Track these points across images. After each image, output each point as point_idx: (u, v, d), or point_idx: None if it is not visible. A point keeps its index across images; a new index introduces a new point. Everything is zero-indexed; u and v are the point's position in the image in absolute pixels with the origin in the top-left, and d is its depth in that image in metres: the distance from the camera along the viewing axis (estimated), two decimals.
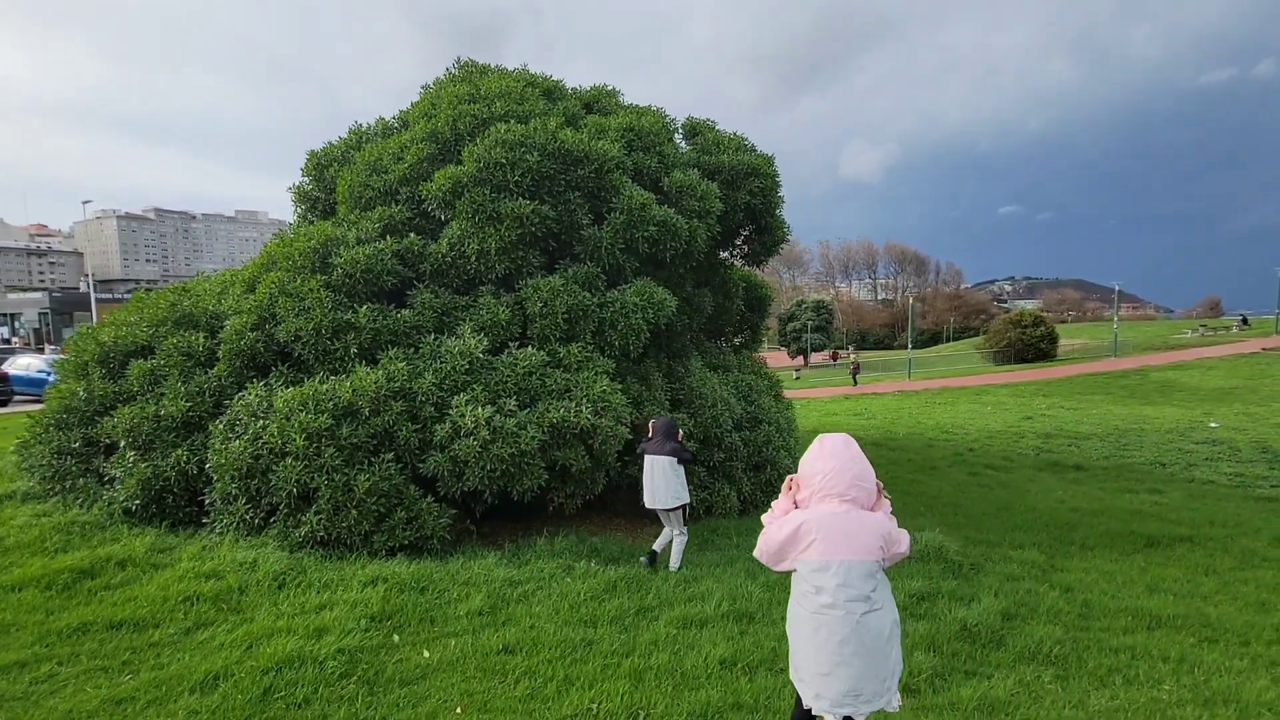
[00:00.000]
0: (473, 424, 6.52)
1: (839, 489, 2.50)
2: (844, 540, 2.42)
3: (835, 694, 2.37)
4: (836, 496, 2.49)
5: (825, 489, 2.51)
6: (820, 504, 2.52)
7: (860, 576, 2.43)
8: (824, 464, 2.55)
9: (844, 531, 2.43)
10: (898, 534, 2.56)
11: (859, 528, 2.46)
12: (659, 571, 6.09)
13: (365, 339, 7.18)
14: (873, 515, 2.53)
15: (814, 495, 2.54)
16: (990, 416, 19.52)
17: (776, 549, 2.54)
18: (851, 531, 2.44)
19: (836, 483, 2.50)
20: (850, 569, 2.41)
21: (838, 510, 2.47)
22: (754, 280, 12.55)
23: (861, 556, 2.42)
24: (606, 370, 7.57)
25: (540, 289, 7.41)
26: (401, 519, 6.45)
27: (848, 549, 2.41)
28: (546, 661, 4.04)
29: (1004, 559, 7.05)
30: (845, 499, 2.49)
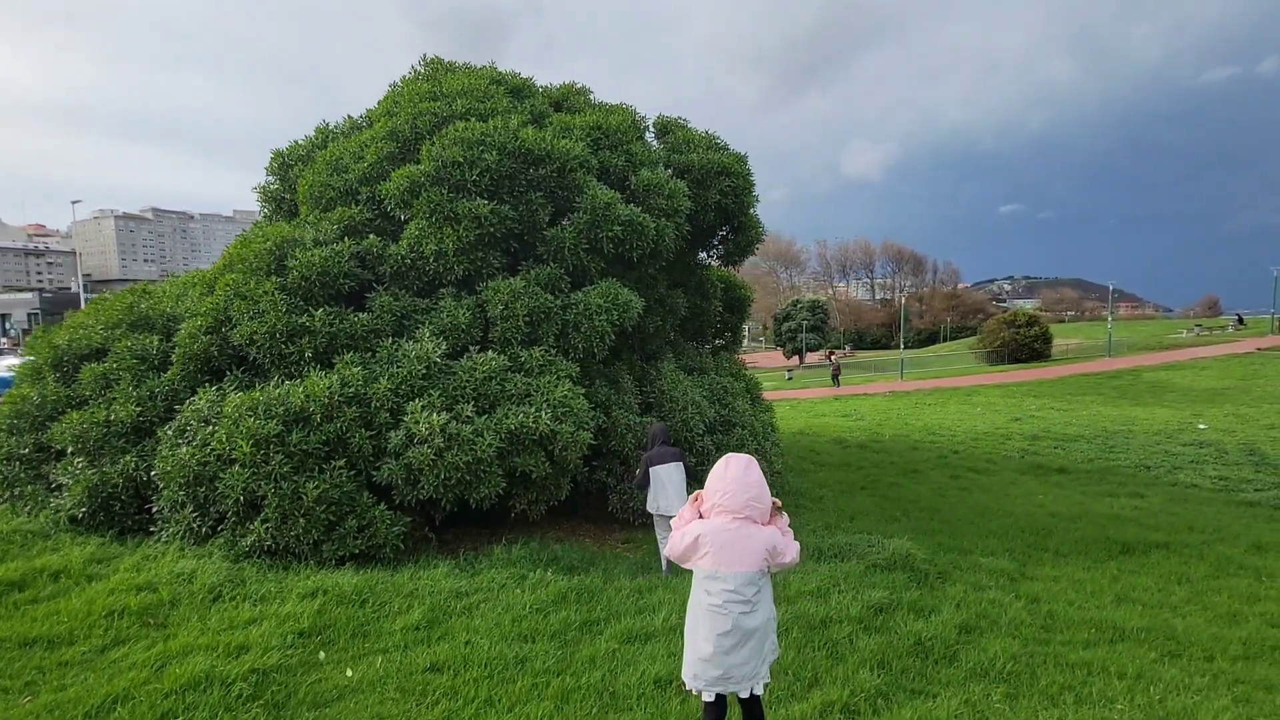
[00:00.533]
0: (427, 431, 6.36)
1: (734, 507, 2.78)
2: (732, 553, 2.76)
3: (710, 677, 2.81)
4: (730, 513, 2.79)
5: (722, 505, 2.80)
6: (717, 517, 2.82)
7: (744, 583, 2.77)
8: (724, 484, 2.81)
9: (733, 545, 2.76)
10: (784, 547, 2.86)
11: (747, 541, 2.77)
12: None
13: (320, 342, 7.02)
14: (763, 530, 2.82)
15: (713, 509, 2.84)
16: (979, 418, 19.36)
17: (680, 553, 2.90)
18: (740, 545, 2.76)
19: (732, 501, 2.79)
20: (737, 577, 2.76)
21: (730, 525, 2.78)
22: (733, 281, 12.40)
23: (747, 567, 2.77)
24: (570, 374, 7.41)
25: (501, 291, 7.25)
26: (353, 528, 6.29)
27: (736, 561, 2.76)
28: (472, 681, 3.88)
29: (973, 567, 6.89)
30: (738, 516, 2.78)
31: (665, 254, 8.51)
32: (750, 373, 12.36)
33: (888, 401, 24.15)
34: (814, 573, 6.19)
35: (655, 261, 8.61)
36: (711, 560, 2.77)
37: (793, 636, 4.77)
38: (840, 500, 10.08)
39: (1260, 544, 7.76)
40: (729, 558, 2.74)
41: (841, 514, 9.19)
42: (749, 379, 11.75)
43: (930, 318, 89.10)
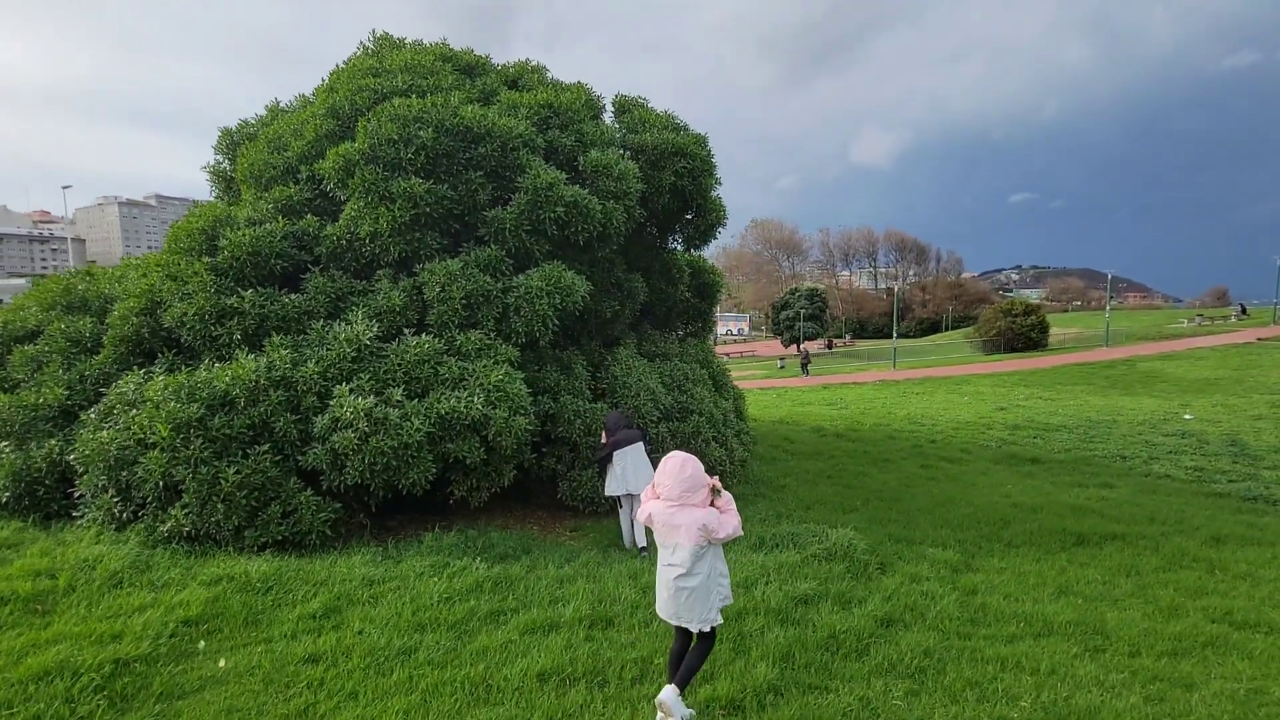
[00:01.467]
0: (351, 415, 6.21)
1: (670, 496, 3.46)
2: (671, 531, 3.45)
3: (667, 613, 3.53)
4: (668, 500, 3.47)
5: (661, 494, 3.50)
6: (660, 502, 3.50)
7: (685, 555, 3.41)
8: (664, 476, 3.48)
9: (670, 524, 3.45)
10: (718, 524, 3.42)
11: (681, 521, 3.41)
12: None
13: (250, 325, 6.86)
14: (696, 511, 3.41)
15: (660, 494, 3.52)
16: (964, 407, 19.12)
17: (644, 523, 3.64)
18: (675, 524, 3.43)
19: (669, 491, 3.46)
20: (676, 549, 3.45)
21: (668, 509, 3.46)
22: (701, 266, 12.17)
23: (684, 541, 3.40)
24: (509, 359, 7.24)
25: (437, 273, 7.07)
26: (277, 514, 6.16)
27: (672, 536, 3.45)
28: (346, 673, 3.75)
29: (918, 558, 6.72)
30: (674, 503, 3.45)
31: (616, 237, 8.30)
32: (719, 361, 12.17)
33: (875, 390, 23.90)
34: (747, 564, 6.03)
35: (606, 245, 8.40)
36: (657, 535, 3.51)
37: None
38: (802, 489, 9.91)
39: (1220, 536, 7.55)
40: (668, 535, 3.46)
41: (799, 503, 9.02)
42: (715, 367, 11.55)
43: (933, 307, 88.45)
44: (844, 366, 36.37)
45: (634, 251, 10.29)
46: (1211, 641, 4.88)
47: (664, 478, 3.45)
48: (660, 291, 11.06)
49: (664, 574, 3.50)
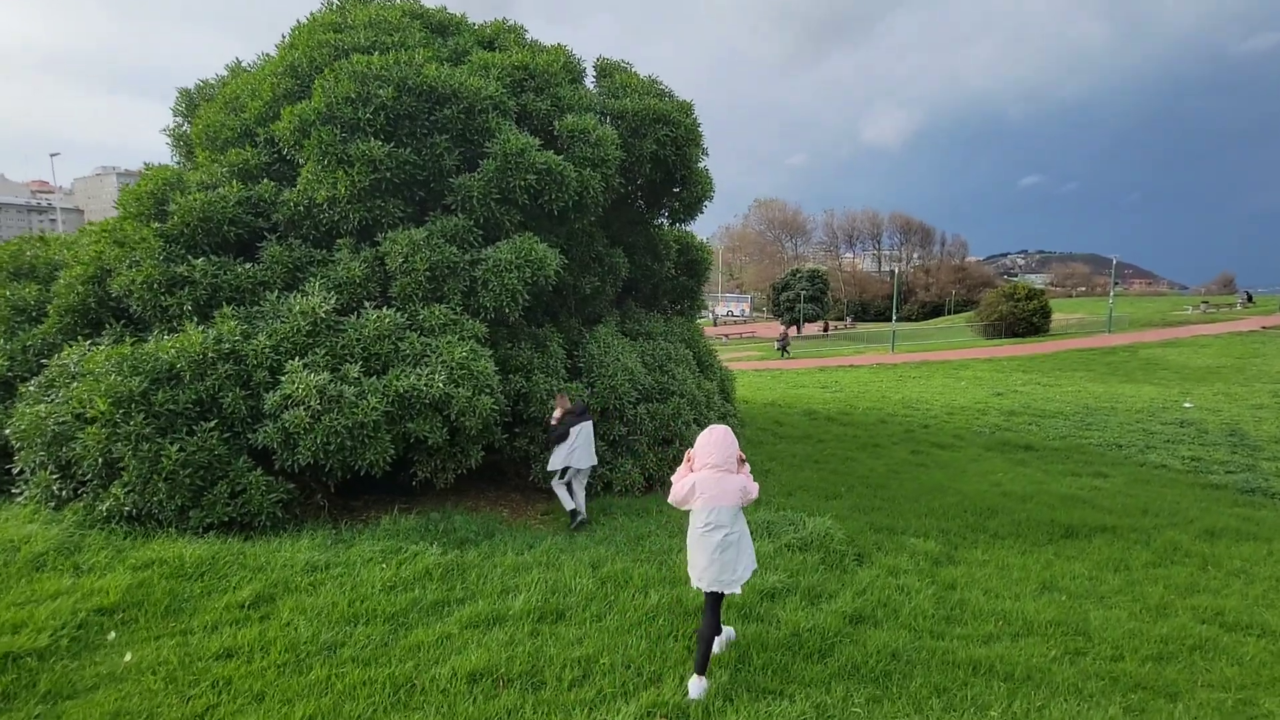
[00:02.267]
0: (303, 392, 5.89)
1: (716, 463, 3.74)
2: (719, 494, 3.72)
3: (708, 579, 3.75)
4: (714, 467, 3.74)
5: (709, 462, 3.75)
6: (706, 471, 3.75)
7: (726, 515, 3.75)
8: (710, 447, 3.77)
9: (719, 488, 3.72)
10: (751, 487, 3.83)
11: (727, 485, 3.74)
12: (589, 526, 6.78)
13: (201, 295, 6.51)
14: (735, 477, 3.78)
15: (702, 465, 3.77)
16: (960, 392, 18.77)
17: (680, 499, 3.80)
18: (722, 488, 3.73)
19: (716, 459, 3.74)
20: (720, 511, 3.74)
21: (715, 476, 3.73)
22: (690, 242, 11.75)
23: (728, 503, 3.75)
24: (475, 334, 6.89)
25: (399, 242, 6.69)
26: (224, 493, 5.87)
27: (720, 499, 3.73)
28: (258, 671, 3.46)
29: (898, 549, 6.43)
30: (719, 469, 3.74)
31: (593, 207, 7.90)
32: (706, 341, 11.81)
33: (872, 374, 23.55)
34: None
35: (583, 216, 8.00)
36: (703, 501, 3.72)
37: (655, 625, 4.33)
38: (786, 474, 9.61)
39: (1214, 529, 7.25)
40: (715, 499, 3.71)
41: (781, 489, 8.73)
42: (701, 347, 11.19)
43: (936, 290, 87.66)
44: (842, 349, 35.98)
45: (617, 225, 9.89)
46: (1200, 645, 4.59)
47: (710, 449, 3.75)
48: (646, 268, 10.68)
49: (705, 541, 3.74)
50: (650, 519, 7.11)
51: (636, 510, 7.50)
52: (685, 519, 6.89)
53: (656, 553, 5.83)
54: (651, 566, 5.41)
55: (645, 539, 6.31)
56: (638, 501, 7.85)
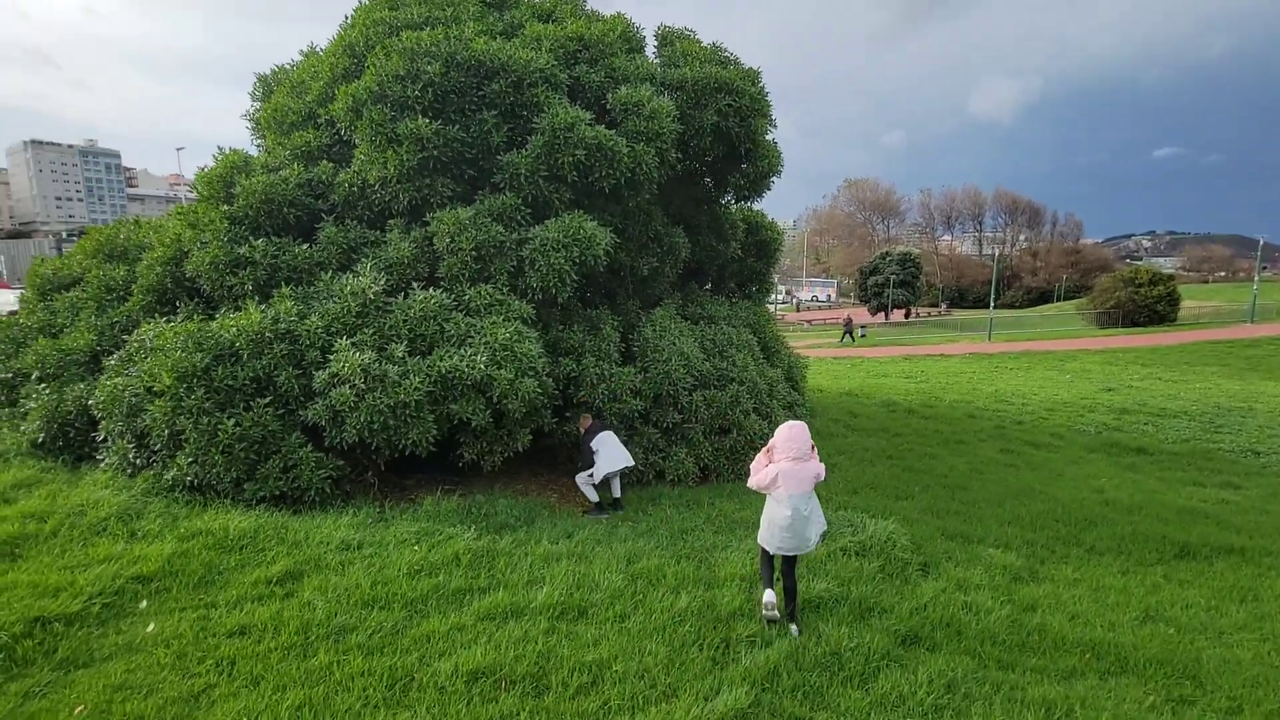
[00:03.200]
0: (348, 371, 5.93)
1: (800, 453, 4.24)
2: (796, 483, 4.21)
3: (788, 547, 4.25)
4: (793, 459, 4.22)
5: (788, 454, 4.22)
6: (786, 462, 4.21)
7: (803, 499, 4.23)
8: (789, 441, 4.24)
9: (800, 475, 4.22)
10: (821, 470, 4.35)
11: (805, 473, 4.25)
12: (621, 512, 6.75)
13: (261, 275, 6.70)
14: (810, 464, 4.28)
15: (782, 457, 4.23)
16: (1064, 386, 17.07)
17: (764, 486, 4.27)
18: (800, 477, 4.22)
19: (798, 450, 4.24)
20: (800, 496, 4.22)
21: (795, 466, 4.20)
22: (758, 221, 11.16)
23: (805, 489, 4.25)
24: (521, 315, 6.74)
25: (446, 222, 6.61)
26: (276, 468, 6.03)
27: (799, 486, 4.22)
28: (264, 653, 3.43)
29: (971, 560, 5.77)
30: (799, 460, 4.23)
31: (647, 184, 7.53)
32: (774, 326, 11.22)
33: (963, 364, 21.90)
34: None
35: (637, 193, 7.66)
36: (785, 489, 4.19)
37: (681, 631, 4.00)
38: (854, 470, 8.96)
39: None
40: (797, 485, 4.20)
41: (846, 485, 8.12)
42: (768, 332, 10.62)
43: (1045, 275, 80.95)
44: (931, 337, 33.83)
45: (678, 203, 9.48)
46: None
47: (790, 444, 4.23)
48: (710, 249, 10.22)
49: (785, 518, 4.19)
50: (699, 512, 6.76)
51: (686, 502, 7.17)
52: (739, 511, 6.46)
53: (698, 550, 5.48)
54: (689, 565, 5.08)
55: (689, 534, 5.97)
56: (689, 493, 7.50)
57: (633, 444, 7.83)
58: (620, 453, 6.75)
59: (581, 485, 6.89)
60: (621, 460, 6.71)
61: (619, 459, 6.72)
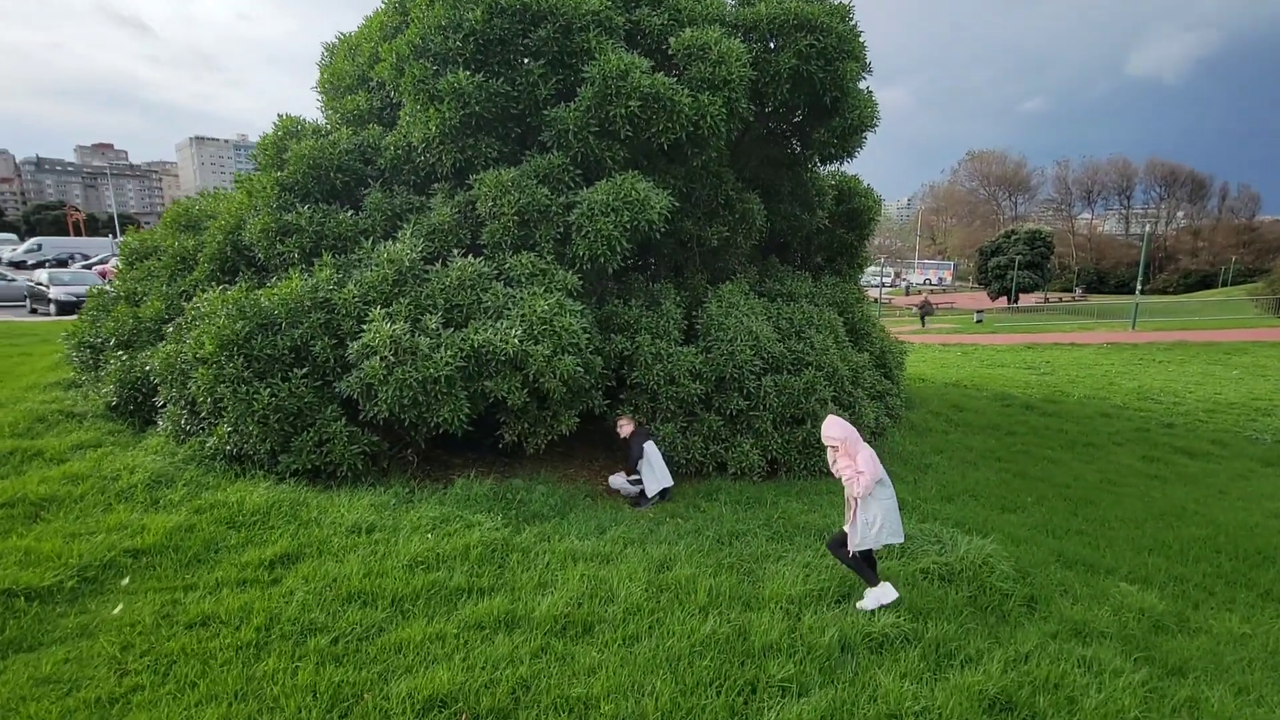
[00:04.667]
0: (378, 342, 5.61)
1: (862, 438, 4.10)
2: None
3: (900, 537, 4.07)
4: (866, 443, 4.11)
5: (860, 440, 4.06)
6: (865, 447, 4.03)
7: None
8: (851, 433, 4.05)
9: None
10: None
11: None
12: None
13: (307, 242, 6.53)
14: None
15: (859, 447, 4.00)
16: (1229, 384, 14.38)
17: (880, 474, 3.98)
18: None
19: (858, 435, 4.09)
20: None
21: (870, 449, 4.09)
22: (851, 187, 9.93)
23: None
24: (567, 286, 6.16)
25: (487, 183, 6.12)
26: (311, 440, 5.85)
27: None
28: (216, 650, 3.06)
29: (1095, 597, 4.59)
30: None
31: (713, 140, 6.67)
32: (865, 306, 9.99)
33: (1098, 355, 19.15)
34: (818, 570, 4.46)
35: (702, 151, 6.82)
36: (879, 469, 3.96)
37: (698, 666, 3.27)
38: (951, 473, 7.73)
39: None
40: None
41: (939, 491, 6.96)
42: (857, 313, 9.44)
43: (1208, 257, 70.73)
44: (1064, 324, 30.19)
45: (754, 165, 8.52)
46: None
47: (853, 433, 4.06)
48: (792, 219, 9.19)
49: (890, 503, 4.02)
50: (758, 512, 5.94)
51: (746, 500, 6.36)
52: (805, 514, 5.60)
53: (744, 560, 4.70)
54: (730, 578, 4.32)
55: (739, 539, 5.19)
56: (751, 489, 6.68)
57: (691, 432, 7.10)
58: (664, 470, 6.25)
59: (617, 485, 6.35)
60: (665, 479, 6.21)
61: (663, 477, 6.20)
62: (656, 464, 6.14)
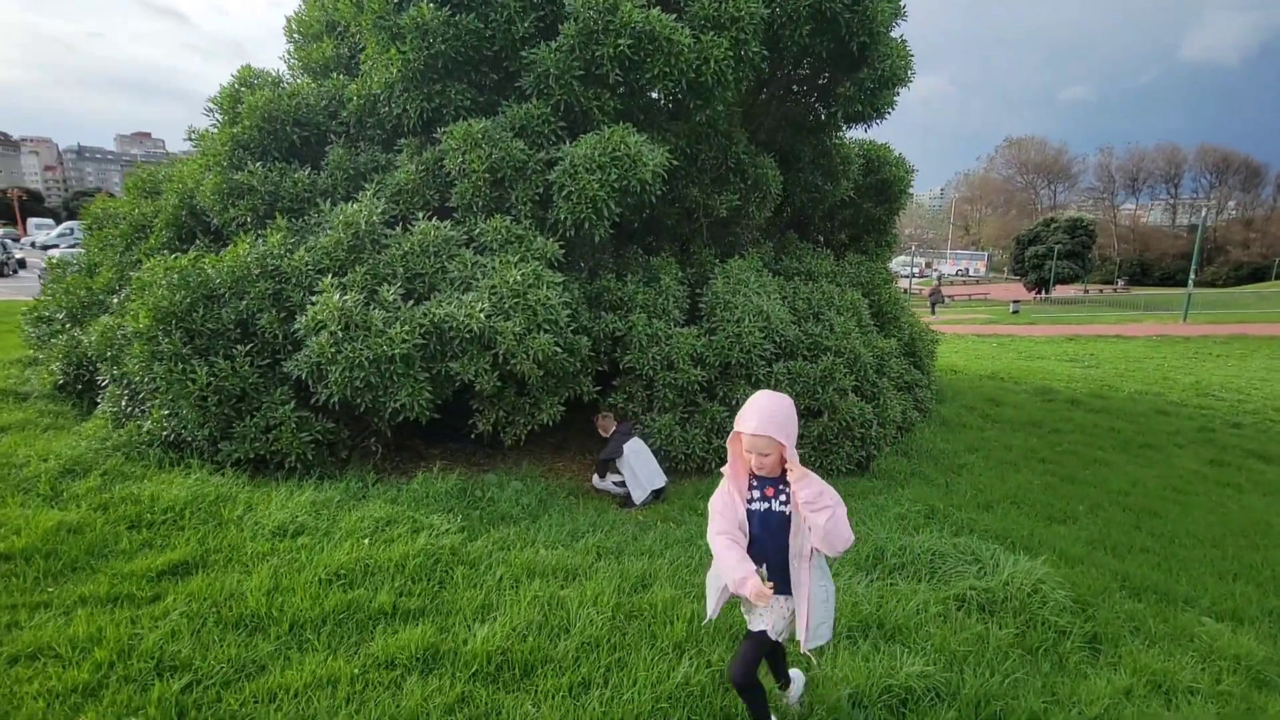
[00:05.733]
0: (325, 315, 4.90)
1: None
2: None
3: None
4: None
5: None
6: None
7: None
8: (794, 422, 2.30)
9: None
10: None
11: None
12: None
13: (261, 204, 5.85)
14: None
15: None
16: None
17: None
18: None
19: None
20: None
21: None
22: (880, 156, 8.95)
23: None
24: (546, 256, 5.38)
25: (455, 136, 5.35)
26: (256, 426, 5.18)
27: None
28: (33, 695, 2.36)
29: (1174, 636, 3.70)
30: None
31: (720, 91, 5.80)
32: (894, 288, 9.04)
33: (1149, 347, 17.79)
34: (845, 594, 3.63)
35: (708, 104, 5.95)
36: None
37: None
38: (988, 475, 6.80)
39: None
40: None
41: (975, 497, 6.05)
42: (885, 294, 8.51)
43: (1261, 248, 67.31)
44: (1105, 316, 28.55)
45: (770, 127, 7.62)
46: None
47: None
48: (814, 189, 8.26)
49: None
50: None
51: None
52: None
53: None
54: None
55: None
56: None
57: (691, 424, 6.29)
58: (653, 472, 5.47)
59: (602, 487, 5.59)
60: (653, 481, 5.43)
61: (655, 476, 5.45)
62: (640, 467, 5.35)
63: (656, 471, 5.46)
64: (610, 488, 5.52)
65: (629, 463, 5.33)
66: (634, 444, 5.42)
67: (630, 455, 5.30)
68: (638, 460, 5.33)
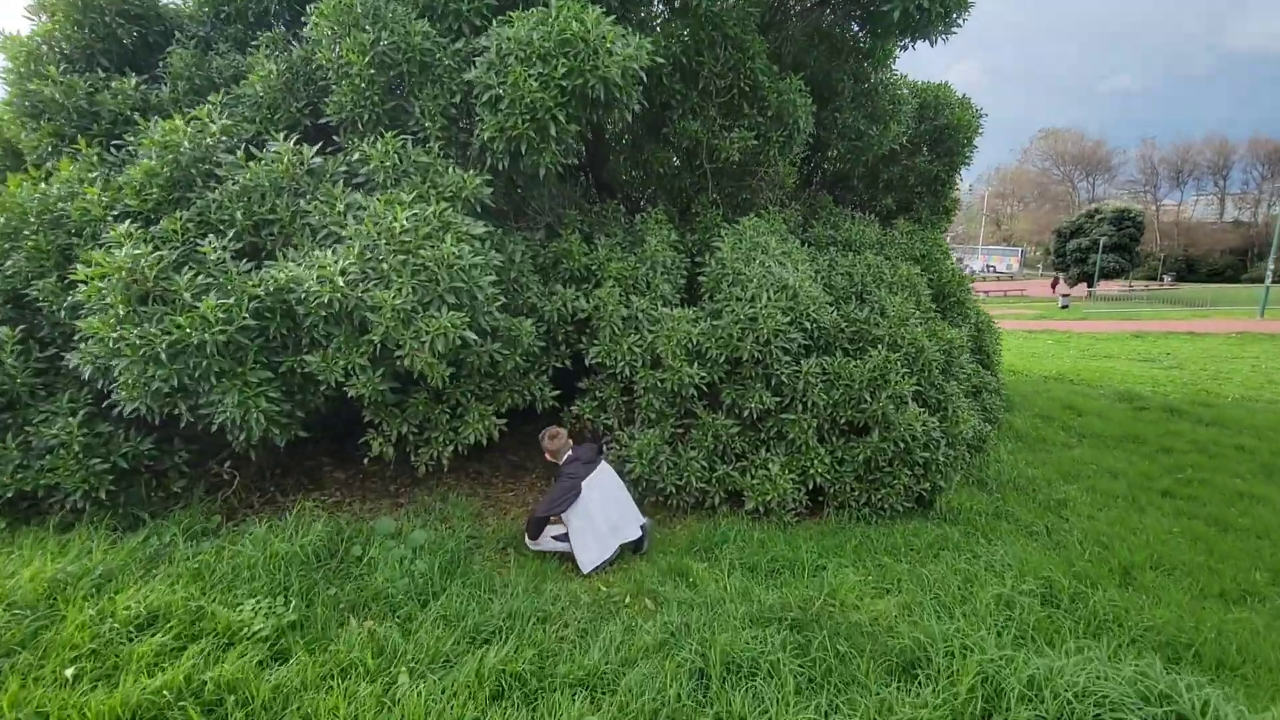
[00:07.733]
0: (106, 284, 3.14)
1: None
2: None
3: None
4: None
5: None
6: None
7: None
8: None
9: None
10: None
11: None
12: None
13: (67, 126, 4.12)
14: None
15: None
16: None
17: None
18: None
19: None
20: None
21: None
22: (938, 97, 6.99)
23: None
24: (462, 195, 3.56)
25: (327, 13, 3.55)
26: (21, 450, 3.45)
27: None
28: None
29: None
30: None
31: None
32: (952, 264, 7.08)
33: (1234, 346, 15.46)
34: None
35: None
36: None
37: None
38: (1103, 516, 4.84)
39: None
40: None
41: (1103, 557, 4.11)
42: (946, 271, 6.55)
43: None
44: (1165, 313, 25.98)
45: (797, 43, 5.73)
46: None
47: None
48: (855, 134, 6.35)
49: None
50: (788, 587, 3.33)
51: (767, 559, 3.74)
52: (846, 614, 2.95)
53: None
54: None
55: (742, 664, 2.54)
56: (779, 537, 4.03)
57: (686, 443, 4.45)
58: (627, 511, 3.75)
59: (540, 548, 3.72)
60: (628, 526, 3.72)
61: (625, 524, 3.70)
62: (601, 516, 3.52)
63: (629, 515, 3.63)
64: (551, 545, 3.68)
65: (585, 509, 3.50)
66: (599, 476, 3.59)
67: (589, 499, 3.47)
68: (599, 503, 3.50)
